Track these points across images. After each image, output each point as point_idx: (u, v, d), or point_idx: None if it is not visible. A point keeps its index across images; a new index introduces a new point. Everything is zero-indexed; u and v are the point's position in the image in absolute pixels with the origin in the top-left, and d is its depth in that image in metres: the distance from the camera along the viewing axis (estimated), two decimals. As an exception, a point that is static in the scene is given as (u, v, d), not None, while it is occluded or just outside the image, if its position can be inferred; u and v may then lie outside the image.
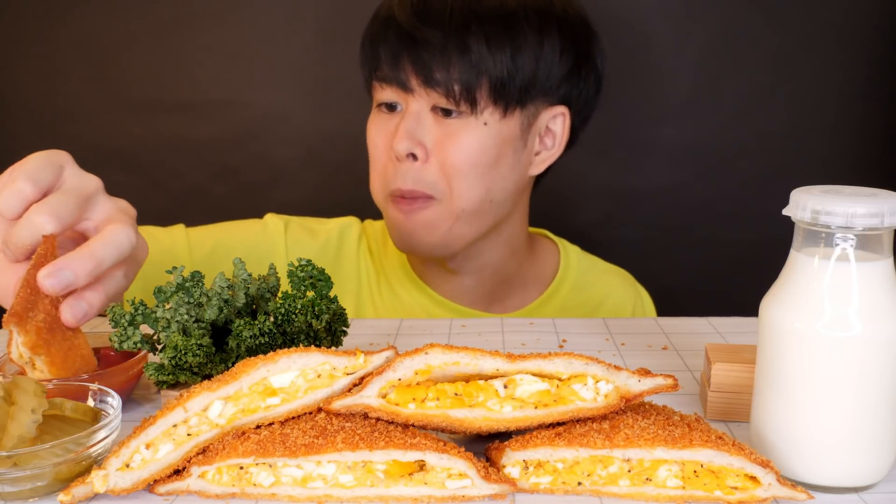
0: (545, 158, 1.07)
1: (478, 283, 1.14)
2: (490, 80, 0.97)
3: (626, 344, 0.90)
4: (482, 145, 0.99)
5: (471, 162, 1.00)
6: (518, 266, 1.16)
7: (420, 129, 1.00)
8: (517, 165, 1.04)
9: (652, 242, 1.61)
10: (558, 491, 0.59)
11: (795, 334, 0.57)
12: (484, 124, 0.99)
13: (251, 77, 1.59)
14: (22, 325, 0.65)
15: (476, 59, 0.96)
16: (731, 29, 1.50)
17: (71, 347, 0.68)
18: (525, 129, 1.03)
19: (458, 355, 0.58)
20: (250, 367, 0.59)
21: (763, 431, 0.61)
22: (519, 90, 0.99)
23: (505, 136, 1.01)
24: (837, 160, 1.57)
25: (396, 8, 1.00)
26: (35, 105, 1.63)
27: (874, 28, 1.49)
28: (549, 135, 1.07)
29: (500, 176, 1.02)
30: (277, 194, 1.60)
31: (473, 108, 0.98)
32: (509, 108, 0.99)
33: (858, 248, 0.56)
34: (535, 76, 0.99)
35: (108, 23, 1.57)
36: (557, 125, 1.06)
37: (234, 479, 0.59)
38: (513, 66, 0.97)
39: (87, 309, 0.67)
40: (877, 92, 1.52)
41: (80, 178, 0.70)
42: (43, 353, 0.66)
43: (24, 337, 0.65)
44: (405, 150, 1.00)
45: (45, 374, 0.66)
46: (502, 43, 0.96)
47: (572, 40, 1.03)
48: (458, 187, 1.01)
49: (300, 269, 0.73)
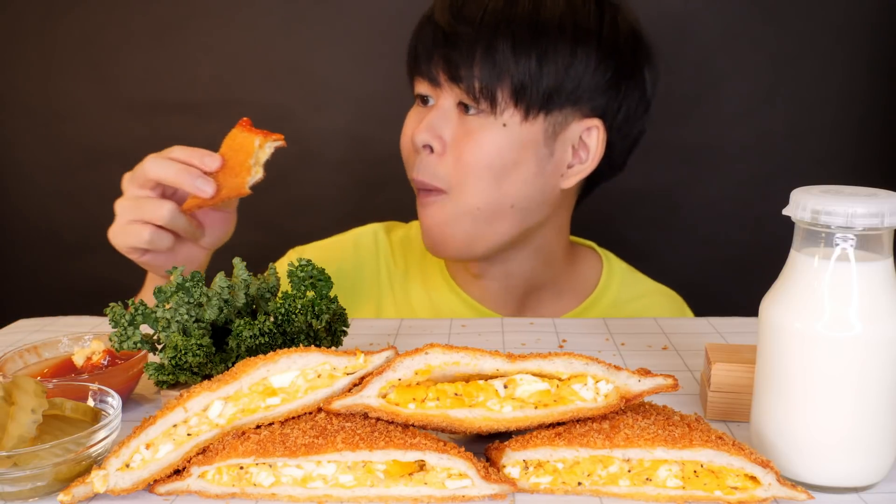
0: (577, 172, 1.04)
1: (505, 288, 1.14)
2: (512, 81, 0.98)
3: (626, 344, 0.90)
4: (498, 146, 1.00)
5: (485, 161, 1.00)
6: (552, 276, 1.15)
7: (442, 122, 1.02)
8: (541, 174, 1.02)
9: (652, 242, 1.61)
10: (558, 491, 0.59)
11: (795, 334, 0.57)
12: (503, 125, 0.99)
13: (251, 77, 1.59)
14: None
15: (500, 59, 0.97)
16: (731, 29, 1.50)
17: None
18: (550, 137, 1.01)
19: (458, 355, 0.58)
20: (250, 367, 0.59)
21: (763, 431, 0.61)
22: (542, 95, 0.98)
23: (525, 140, 1.00)
24: (837, 160, 1.57)
25: (438, 7, 1.04)
26: (35, 105, 1.63)
27: (874, 28, 1.49)
28: (584, 148, 1.05)
29: (521, 181, 1.01)
30: (277, 194, 1.60)
31: (493, 108, 0.99)
32: (531, 111, 0.99)
33: (858, 248, 0.56)
34: (561, 84, 0.99)
35: (108, 23, 1.57)
36: (592, 139, 1.04)
37: (234, 479, 0.59)
38: (537, 70, 0.97)
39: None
40: (876, 92, 1.52)
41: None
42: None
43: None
44: (421, 141, 1.02)
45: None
46: (528, 47, 0.97)
47: (612, 54, 1.01)
48: (471, 185, 1.01)
49: (300, 269, 0.73)
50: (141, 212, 0.90)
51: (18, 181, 1.68)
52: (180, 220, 0.91)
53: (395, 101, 1.58)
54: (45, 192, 1.68)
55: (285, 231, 1.57)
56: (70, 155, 1.65)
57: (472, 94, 0.99)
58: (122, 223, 0.92)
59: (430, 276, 1.18)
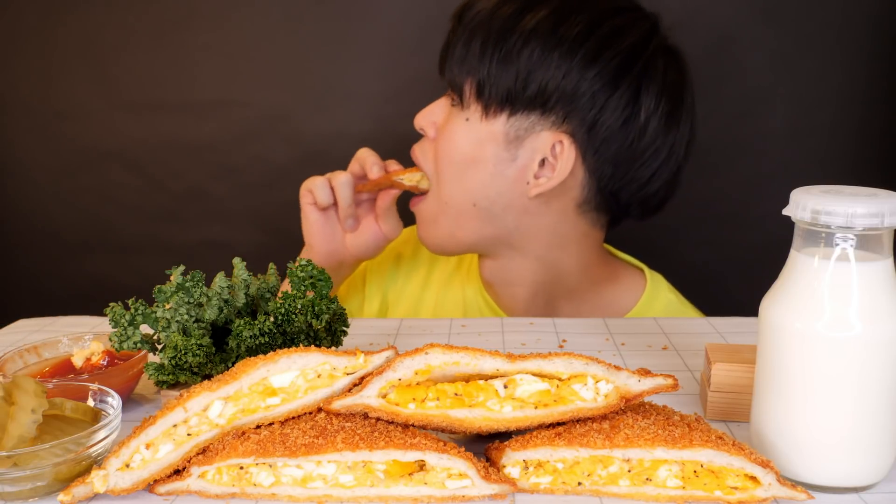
0: (541, 184, 1.03)
1: (520, 296, 1.14)
2: (476, 78, 1.02)
3: (626, 344, 0.90)
4: (458, 140, 1.04)
5: (449, 153, 1.05)
6: (570, 290, 1.14)
7: (438, 110, 1.08)
8: (501, 175, 1.03)
9: (652, 242, 1.61)
10: (558, 491, 0.59)
11: (795, 334, 0.57)
12: (466, 119, 1.04)
13: (251, 77, 1.59)
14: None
15: (469, 56, 1.02)
16: (731, 29, 1.50)
17: None
18: (513, 141, 1.02)
19: (458, 355, 0.58)
20: (250, 367, 0.59)
21: (763, 431, 0.61)
22: (501, 94, 1.00)
23: (483, 137, 1.02)
24: (837, 160, 1.57)
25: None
26: (35, 105, 1.63)
27: (873, 28, 1.49)
28: (553, 160, 1.03)
29: (479, 179, 1.04)
30: (277, 194, 1.60)
31: (462, 101, 1.04)
32: (490, 108, 1.02)
33: (858, 248, 0.56)
34: (523, 86, 1.00)
35: (108, 23, 1.57)
36: (562, 153, 1.01)
37: (234, 479, 0.59)
38: (498, 70, 1.00)
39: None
40: (876, 92, 1.52)
41: None
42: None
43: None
44: (417, 124, 1.10)
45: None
46: (494, 47, 1.00)
47: (592, 64, 0.99)
48: (441, 176, 1.06)
49: (300, 269, 0.73)
50: (327, 176, 1.12)
51: (18, 181, 1.68)
52: (346, 190, 1.10)
53: (395, 100, 1.58)
54: (45, 192, 1.68)
55: (285, 231, 1.57)
56: (70, 155, 1.65)
57: (449, 85, 1.05)
58: (311, 183, 1.11)
59: (470, 280, 1.21)
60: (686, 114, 1.06)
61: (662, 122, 1.02)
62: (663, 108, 1.02)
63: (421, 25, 1.53)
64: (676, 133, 1.05)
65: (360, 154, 1.12)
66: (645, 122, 1.02)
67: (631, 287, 1.18)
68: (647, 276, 1.18)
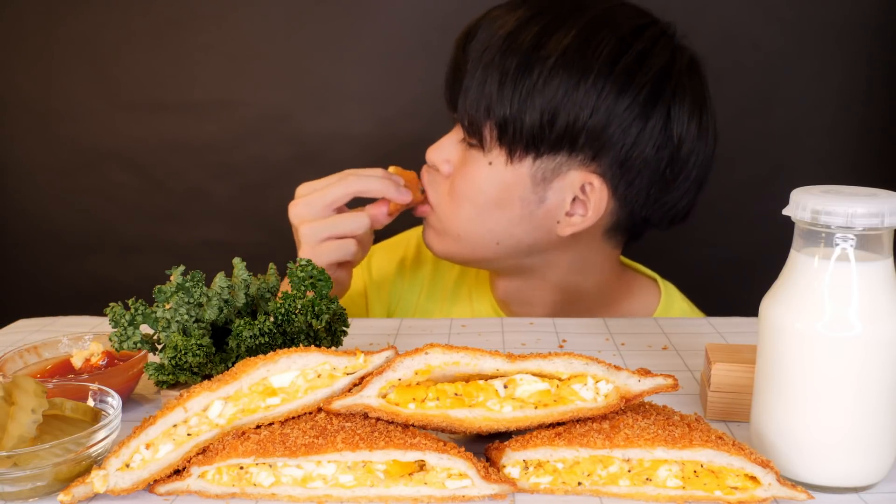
0: (575, 223, 0.98)
1: (536, 314, 1.12)
2: (496, 118, 0.94)
3: (626, 344, 0.90)
4: (481, 184, 0.97)
5: (470, 195, 0.98)
6: (588, 306, 1.12)
7: (451, 147, 1.02)
8: (529, 218, 0.98)
9: (652, 242, 1.60)
10: (558, 491, 0.59)
11: (795, 334, 0.57)
12: (489, 164, 0.96)
13: (251, 77, 1.59)
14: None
15: (486, 93, 0.93)
16: (731, 29, 1.50)
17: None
18: (540, 183, 0.96)
19: (458, 355, 0.58)
20: (250, 367, 0.59)
21: (763, 431, 0.61)
22: (527, 135, 0.93)
23: (509, 183, 0.96)
24: (837, 160, 1.57)
25: (458, 35, 1.02)
26: (35, 105, 1.63)
27: (874, 28, 1.49)
28: (586, 199, 0.97)
29: (506, 221, 0.98)
30: (277, 194, 1.59)
31: (482, 144, 0.97)
32: (515, 152, 0.94)
33: (858, 248, 0.56)
34: (551, 123, 0.92)
35: (108, 23, 1.57)
36: (594, 193, 0.96)
37: (234, 479, 0.59)
38: (521, 107, 0.92)
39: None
40: (876, 92, 1.52)
41: None
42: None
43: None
44: (430, 160, 1.03)
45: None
46: (515, 83, 0.92)
47: (624, 93, 0.93)
48: (457, 213, 1.01)
49: (300, 269, 0.73)
50: (341, 227, 0.97)
51: (18, 181, 1.68)
52: (369, 232, 1.00)
53: (395, 101, 1.58)
54: (45, 192, 1.68)
55: (285, 231, 1.57)
56: (70, 155, 1.65)
57: (464, 128, 0.98)
58: (315, 241, 0.97)
59: (479, 292, 1.18)
60: (711, 121, 1.02)
61: (693, 137, 0.98)
62: (694, 124, 0.98)
63: (421, 26, 1.53)
64: (705, 145, 1.01)
65: (381, 181, 1.00)
66: (678, 143, 0.97)
67: (645, 300, 1.16)
68: (660, 286, 1.15)
